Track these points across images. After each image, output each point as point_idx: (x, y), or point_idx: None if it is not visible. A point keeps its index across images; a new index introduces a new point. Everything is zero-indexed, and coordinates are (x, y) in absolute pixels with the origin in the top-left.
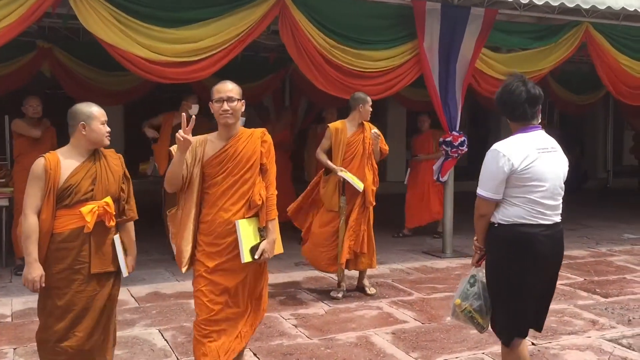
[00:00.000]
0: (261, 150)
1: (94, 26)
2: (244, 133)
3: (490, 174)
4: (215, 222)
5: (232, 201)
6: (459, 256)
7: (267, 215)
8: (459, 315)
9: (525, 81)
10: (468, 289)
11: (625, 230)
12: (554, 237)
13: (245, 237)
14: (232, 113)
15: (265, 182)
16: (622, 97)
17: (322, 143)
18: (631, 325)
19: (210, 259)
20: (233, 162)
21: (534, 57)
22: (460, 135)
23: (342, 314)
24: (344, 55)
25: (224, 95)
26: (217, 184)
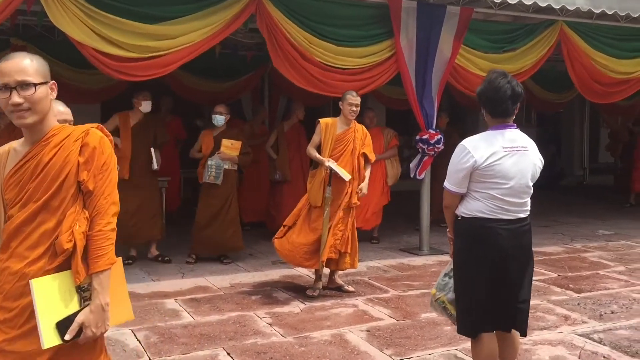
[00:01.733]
0: (78, 160)
1: (63, 23)
2: (59, 133)
3: (454, 167)
4: (3, 275)
5: (28, 243)
6: (436, 253)
7: (92, 264)
8: (434, 305)
9: (509, 78)
10: (444, 280)
11: (600, 227)
12: (516, 232)
13: (46, 306)
14: (30, 108)
15: (90, 211)
16: (593, 96)
17: (313, 139)
18: (602, 320)
19: None
20: (35, 181)
21: (515, 56)
22: (436, 133)
23: (318, 312)
24: (322, 52)
25: (9, 79)
26: (12, 216)
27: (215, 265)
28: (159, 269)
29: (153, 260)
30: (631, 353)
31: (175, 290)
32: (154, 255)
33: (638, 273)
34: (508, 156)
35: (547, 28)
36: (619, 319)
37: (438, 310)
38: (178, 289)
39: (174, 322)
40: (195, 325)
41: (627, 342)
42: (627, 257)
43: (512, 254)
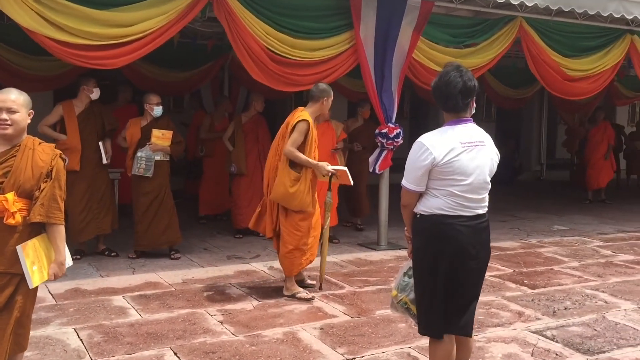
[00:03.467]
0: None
1: (9, 9)
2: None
3: (413, 165)
4: None
5: None
6: (394, 248)
7: None
8: (396, 307)
9: (462, 72)
10: (404, 280)
11: (556, 222)
12: (476, 228)
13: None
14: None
15: None
16: (557, 91)
17: (296, 138)
18: (556, 316)
19: None
20: None
21: (475, 51)
22: (395, 127)
23: (271, 309)
24: (278, 44)
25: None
26: None
27: (168, 260)
28: (109, 264)
29: (101, 255)
30: (583, 350)
31: (124, 286)
32: (101, 250)
33: (591, 269)
34: (466, 152)
35: (506, 24)
36: (572, 315)
37: (400, 312)
38: (127, 285)
39: (120, 320)
40: (143, 324)
41: (580, 339)
42: (581, 253)
43: (471, 252)
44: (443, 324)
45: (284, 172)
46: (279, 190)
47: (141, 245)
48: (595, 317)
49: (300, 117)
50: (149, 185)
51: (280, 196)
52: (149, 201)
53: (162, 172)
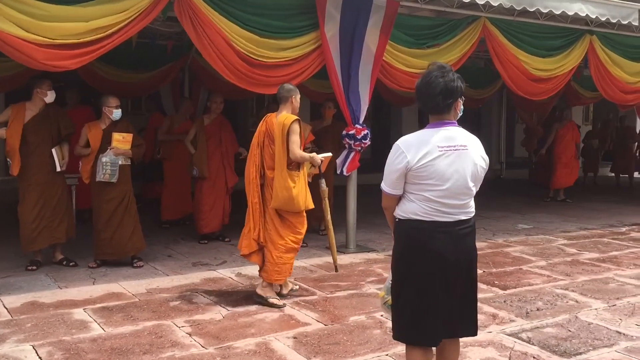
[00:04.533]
0: None
1: None
2: None
3: (389, 168)
4: None
5: None
6: (363, 251)
7: None
8: (384, 308)
9: (445, 72)
10: (390, 282)
11: (519, 221)
12: (456, 235)
13: None
14: None
15: None
16: (523, 91)
17: (297, 140)
18: (529, 318)
19: None
20: None
21: (439, 51)
22: (363, 128)
23: (241, 319)
24: (245, 43)
25: None
26: None
27: (130, 268)
28: (67, 275)
29: (59, 265)
30: (560, 352)
31: (84, 298)
32: (58, 260)
33: (559, 268)
34: (443, 156)
35: (470, 24)
36: (545, 316)
37: (387, 313)
38: (88, 296)
39: (81, 335)
40: (106, 338)
41: (555, 340)
42: (547, 252)
43: (449, 258)
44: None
45: (284, 175)
46: (284, 195)
47: (105, 254)
48: (568, 318)
49: (290, 118)
50: (113, 191)
51: (285, 201)
52: (113, 207)
53: (125, 176)
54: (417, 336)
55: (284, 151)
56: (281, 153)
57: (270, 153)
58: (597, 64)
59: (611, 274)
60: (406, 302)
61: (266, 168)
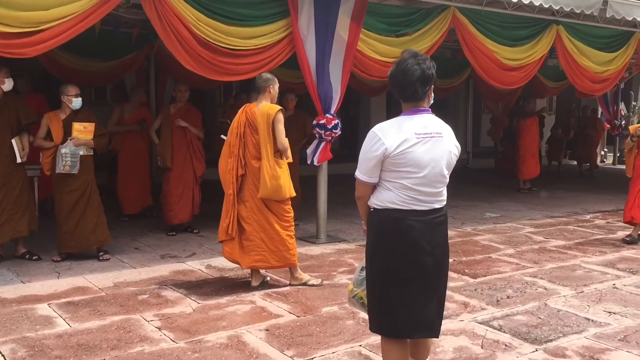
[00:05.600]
0: None
1: None
2: None
3: (365, 155)
4: None
5: None
6: (333, 241)
7: None
8: (352, 302)
9: (420, 59)
10: (361, 275)
11: (487, 209)
12: (431, 223)
13: None
14: None
15: None
16: (495, 80)
17: (283, 129)
18: (500, 305)
19: None
20: None
21: (411, 40)
22: (333, 118)
23: (212, 311)
24: (211, 31)
25: None
26: None
27: (96, 262)
28: (30, 269)
29: (21, 259)
30: (531, 340)
31: (49, 292)
32: (21, 253)
33: (527, 255)
34: (421, 143)
35: (440, 13)
36: (515, 304)
37: (357, 307)
38: (52, 291)
39: (46, 331)
40: (72, 334)
41: (526, 328)
42: (515, 240)
43: (426, 248)
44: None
45: (272, 164)
46: (273, 184)
47: (68, 247)
48: (538, 305)
49: (274, 108)
50: (75, 182)
51: (274, 190)
52: (74, 199)
53: (87, 167)
54: (394, 328)
55: (269, 140)
56: (267, 142)
57: (253, 143)
58: (565, 54)
59: (578, 261)
60: (383, 294)
61: (250, 158)
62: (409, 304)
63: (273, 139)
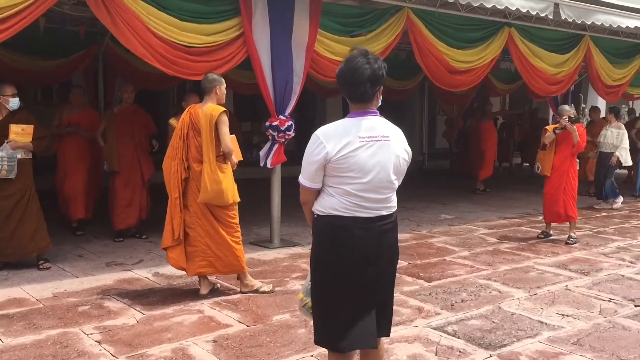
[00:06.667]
0: None
1: None
2: None
3: (307, 160)
4: None
5: None
6: (287, 245)
7: None
8: (303, 311)
9: (370, 58)
10: (309, 283)
11: (442, 211)
12: (377, 231)
13: None
14: None
15: None
16: (441, 83)
17: (227, 132)
18: (454, 310)
19: None
20: None
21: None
22: (287, 120)
23: (157, 322)
24: (164, 26)
25: None
26: None
27: (35, 271)
28: None
29: None
30: (485, 345)
31: None
32: None
33: (481, 258)
34: (365, 147)
35: (394, 15)
36: (470, 307)
37: (307, 316)
38: None
39: None
40: (4, 350)
41: (480, 332)
42: (470, 242)
43: (370, 256)
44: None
45: (213, 168)
46: (214, 189)
47: (4, 255)
48: (492, 309)
49: (217, 109)
50: (12, 187)
51: (215, 194)
52: (11, 205)
53: (25, 171)
54: (337, 341)
55: (212, 143)
56: (209, 145)
57: (196, 145)
58: (520, 56)
59: (531, 262)
60: (327, 305)
61: (192, 161)
62: (350, 316)
63: (217, 141)
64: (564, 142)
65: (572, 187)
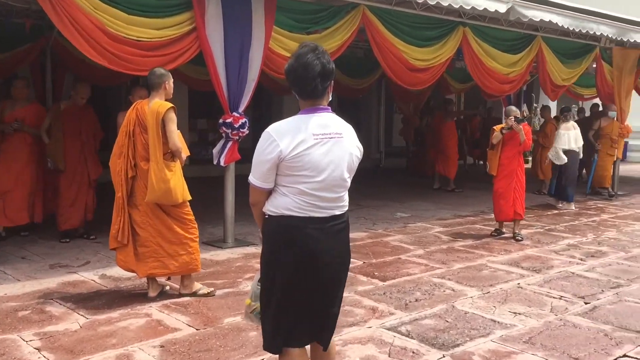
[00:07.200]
0: None
1: None
2: None
3: (258, 158)
4: None
5: None
6: (241, 245)
7: None
8: (250, 317)
9: (320, 53)
10: (258, 287)
11: (398, 209)
12: (330, 231)
13: None
14: None
15: None
16: (402, 81)
17: (175, 129)
18: (408, 309)
19: None
20: None
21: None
22: (240, 117)
23: (102, 327)
24: (111, 20)
25: None
26: None
27: None
28: None
29: None
30: (438, 345)
31: None
32: None
33: (435, 256)
34: (319, 144)
35: (350, 12)
36: (423, 307)
37: (255, 322)
38: None
39: None
40: None
41: (433, 332)
42: (425, 240)
43: (324, 258)
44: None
45: (160, 167)
46: (161, 188)
47: None
48: (446, 307)
49: (164, 106)
50: None
51: (162, 194)
52: None
53: None
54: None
55: (159, 141)
56: (156, 143)
57: (142, 143)
58: (472, 55)
59: (484, 260)
60: (278, 309)
61: (139, 159)
62: (304, 318)
63: (164, 139)
64: (511, 142)
65: (521, 186)
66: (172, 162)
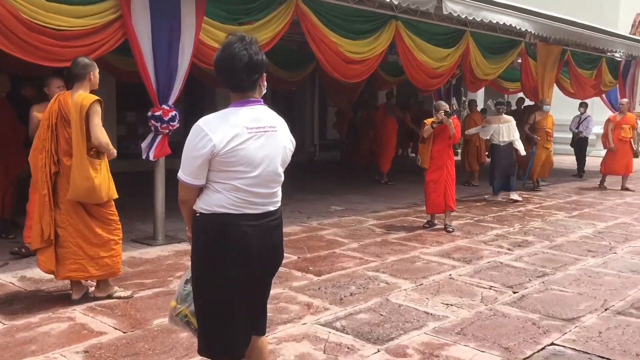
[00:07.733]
0: None
1: None
2: None
3: (189, 154)
4: None
5: None
6: (172, 242)
7: None
8: (176, 320)
9: (247, 43)
10: (185, 289)
11: (333, 202)
12: (265, 228)
13: None
14: None
15: None
16: (338, 73)
17: (99, 122)
18: (343, 304)
19: None
20: None
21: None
22: (170, 110)
23: (20, 334)
24: (28, 7)
25: None
26: None
27: None
28: None
29: None
30: (373, 340)
31: None
32: None
33: (370, 249)
34: (253, 138)
35: (282, 3)
36: (358, 301)
37: (180, 326)
38: None
39: None
40: None
41: (368, 327)
42: (359, 233)
43: (259, 256)
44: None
45: (84, 164)
46: (84, 186)
47: None
48: (380, 301)
49: (89, 98)
50: None
51: (85, 192)
52: None
53: None
54: (228, 348)
55: (82, 136)
56: (79, 138)
57: (66, 137)
58: (404, 49)
59: (417, 252)
60: (212, 311)
61: (62, 154)
62: (241, 318)
63: (88, 133)
64: (441, 135)
65: (451, 178)
66: (97, 159)
